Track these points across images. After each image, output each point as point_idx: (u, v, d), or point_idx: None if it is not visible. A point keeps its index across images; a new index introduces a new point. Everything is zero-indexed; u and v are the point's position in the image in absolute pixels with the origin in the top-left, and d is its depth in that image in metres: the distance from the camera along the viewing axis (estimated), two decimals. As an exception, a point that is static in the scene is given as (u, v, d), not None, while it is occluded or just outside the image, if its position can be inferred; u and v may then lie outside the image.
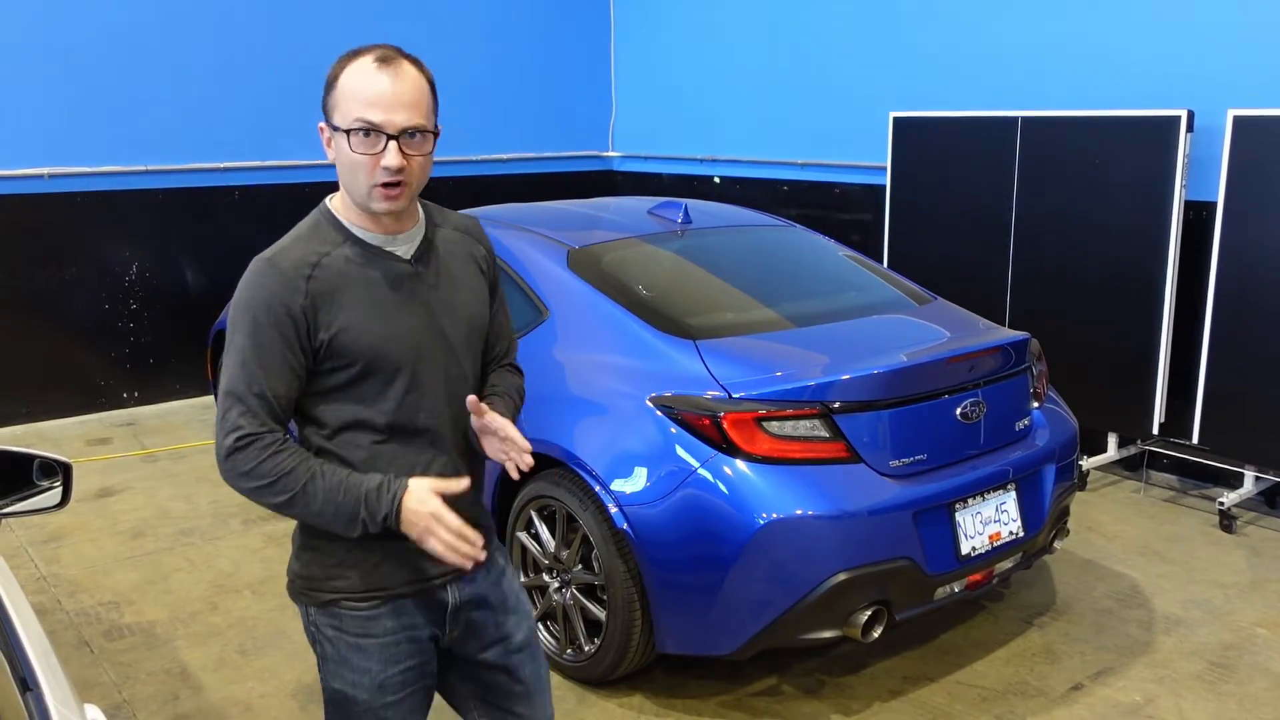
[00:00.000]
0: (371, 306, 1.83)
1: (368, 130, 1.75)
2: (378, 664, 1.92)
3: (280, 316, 1.77)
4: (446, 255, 1.95)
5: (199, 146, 6.76)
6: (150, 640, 3.80)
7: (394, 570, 1.90)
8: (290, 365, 1.79)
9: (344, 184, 1.85)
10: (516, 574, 2.19)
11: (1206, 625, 3.88)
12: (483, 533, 1.96)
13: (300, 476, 1.77)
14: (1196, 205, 5.00)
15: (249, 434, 1.76)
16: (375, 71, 1.76)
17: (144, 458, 5.82)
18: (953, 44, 6.12)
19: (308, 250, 1.83)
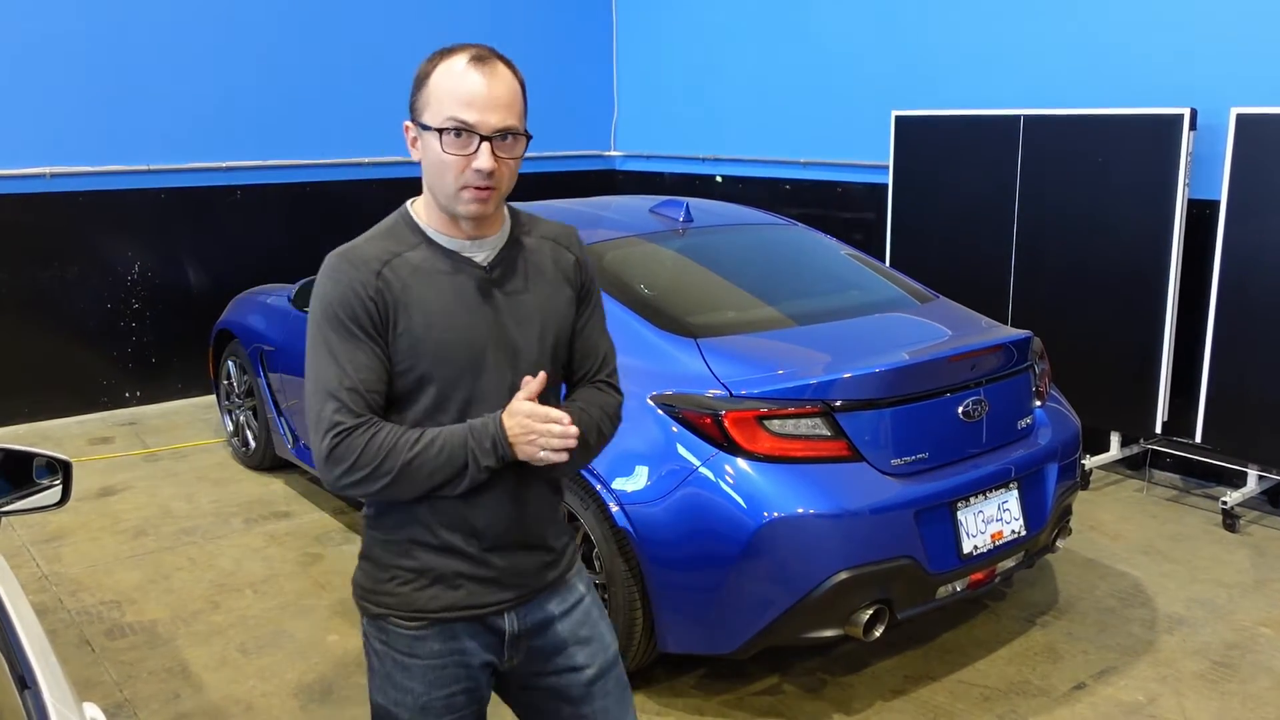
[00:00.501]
0: (438, 311, 1.77)
1: (460, 130, 1.70)
2: (421, 685, 1.85)
3: (357, 309, 1.74)
4: (529, 263, 1.86)
5: (201, 146, 6.76)
6: (151, 639, 3.80)
7: (443, 593, 1.84)
8: (376, 355, 1.75)
9: (430, 185, 1.80)
10: (603, 607, 2.05)
11: (1209, 624, 3.87)
12: (563, 556, 1.96)
13: (401, 451, 1.72)
14: (1199, 204, 4.98)
15: (346, 428, 1.72)
16: (470, 71, 1.72)
17: (146, 457, 5.83)
18: (955, 42, 6.11)
19: (381, 248, 1.80)
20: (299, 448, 5.05)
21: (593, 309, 1.96)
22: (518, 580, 1.88)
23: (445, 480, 1.75)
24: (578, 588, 1.98)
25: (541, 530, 1.91)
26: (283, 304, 5.13)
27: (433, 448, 1.73)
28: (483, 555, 1.84)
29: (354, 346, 1.74)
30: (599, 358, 1.96)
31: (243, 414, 5.57)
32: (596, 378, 1.96)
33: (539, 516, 1.90)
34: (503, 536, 1.85)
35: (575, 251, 1.94)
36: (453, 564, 1.83)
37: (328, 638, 3.81)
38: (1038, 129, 5.33)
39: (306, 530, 4.77)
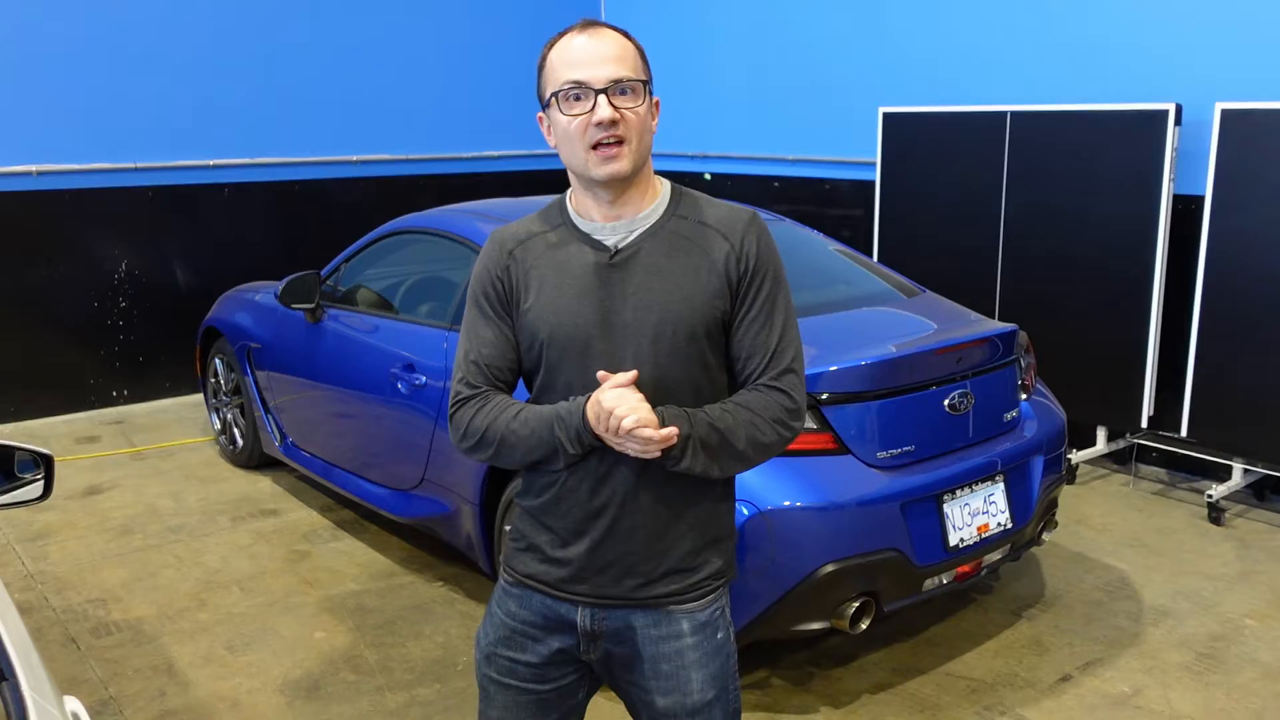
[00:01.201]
0: (555, 291, 1.78)
1: (577, 92, 1.71)
2: (494, 634, 1.92)
3: (488, 286, 1.84)
4: (671, 247, 1.77)
5: (188, 143, 6.74)
6: (137, 637, 3.79)
7: (531, 562, 1.87)
8: (502, 332, 1.83)
9: (566, 160, 1.78)
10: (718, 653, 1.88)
11: (1195, 616, 3.89)
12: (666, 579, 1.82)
13: (500, 426, 1.77)
14: (1185, 199, 5.01)
15: (462, 398, 1.83)
16: (576, 36, 1.74)
17: (132, 455, 5.81)
18: (942, 39, 6.13)
19: (524, 229, 1.87)
20: (286, 445, 5.04)
21: (757, 305, 1.78)
22: (590, 577, 1.83)
23: (543, 457, 1.77)
24: (680, 623, 1.84)
25: (633, 542, 1.80)
26: (270, 301, 5.11)
27: (525, 427, 1.76)
28: (563, 542, 1.84)
29: (483, 322, 1.85)
30: (764, 358, 1.78)
31: (230, 412, 5.56)
32: (760, 379, 1.79)
33: (636, 525, 1.80)
34: (584, 530, 1.81)
35: (735, 240, 1.78)
36: (541, 537, 1.86)
37: (314, 634, 3.80)
38: (1024, 125, 5.34)
39: (294, 527, 4.76)
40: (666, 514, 1.80)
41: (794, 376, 1.80)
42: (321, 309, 4.66)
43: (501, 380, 1.84)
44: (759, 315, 1.78)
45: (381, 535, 4.65)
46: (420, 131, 7.64)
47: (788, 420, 1.78)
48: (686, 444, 1.71)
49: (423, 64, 7.60)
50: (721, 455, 1.74)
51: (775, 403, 1.77)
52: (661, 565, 1.81)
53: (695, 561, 1.84)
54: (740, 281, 1.77)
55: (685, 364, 1.76)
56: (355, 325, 4.46)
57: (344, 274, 4.74)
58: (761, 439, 1.76)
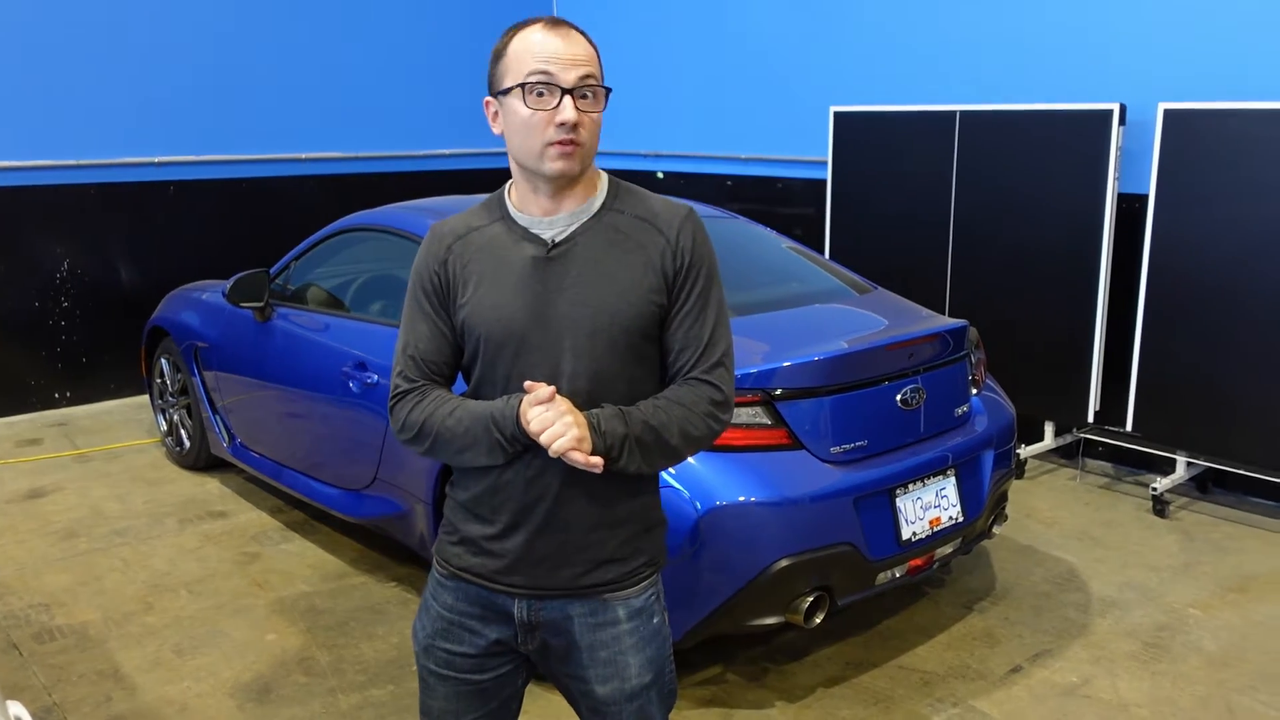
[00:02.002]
0: (492, 285, 1.78)
1: (543, 87, 1.70)
2: (431, 627, 1.93)
3: (425, 280, 1.85)
4: (606, 242, 1.78)
5: (133, 140, 6.62)
6: (82, 642, 3.71)
7: (466, 554, 1.87)
8: (439, 328, 1.84)
9: (515, 151, 1.77)
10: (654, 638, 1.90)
11: (1141, 607, 3.96)
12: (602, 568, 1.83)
13: (436, 421, 1.78)
14: (1129, 197, 5.10)
15: (399, 392, 1.85)
16: (547, 32, 1.73)
17: (76, 458, 5.69)
18: (892, 39, 6.18)
19: (463, 223, 1.88)
20: (235, 446, 4.96)
21: (692, 300, 1.79)
22: (526, 570, 1.83)
23: (479, 456, 1.78)
24: (616, 610, 1.86)
25: (567, 533, 1.81)
26: (217, 300, 5.04)
27: (460, 424, 1.76)
28: (496, 533, 1.84)
29: (421, 316, 1.86)
30: (696, 352, 1.79)
31: (177, 413, 5.46)
32: (691, 373, 1.79)
33: (568, 517, 1.81)
34: (518, 522, 1.82)
35: (670, 234, 1.79)
36: (474, 529, 1.86)
37: (266, 637, 3.75)
38: (973, 124, 5.41)
39: (243, 529, 4.69)
40: (600, 507, 1.82)
41: (724, 370, 1.81)
42: (271, 307, 4.60)
43: (438, 374, 1.85)
44: (693, 310, 1.79)
45: (333, 536, 4.60)
46: (370, 129, 7.57)
47: (717, 413, 1.80)
48: (623, 444, 1.71)
49: (372, 61, 7.53)
50: (656, 452, 1.76)
51: (705, 396, 1.78)
52: (597, 556, 1.83)
53: (629, 550, 1.86)
54: (676, 276, 1.78)
55: (621, 358, 1.77)
56: (305, 324, 4.41)
57: (293, 272, 4.68)
58: (693, 432, 1.78)
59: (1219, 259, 4.65)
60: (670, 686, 1.95)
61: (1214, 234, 4.65)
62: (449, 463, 1.85)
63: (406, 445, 1.85)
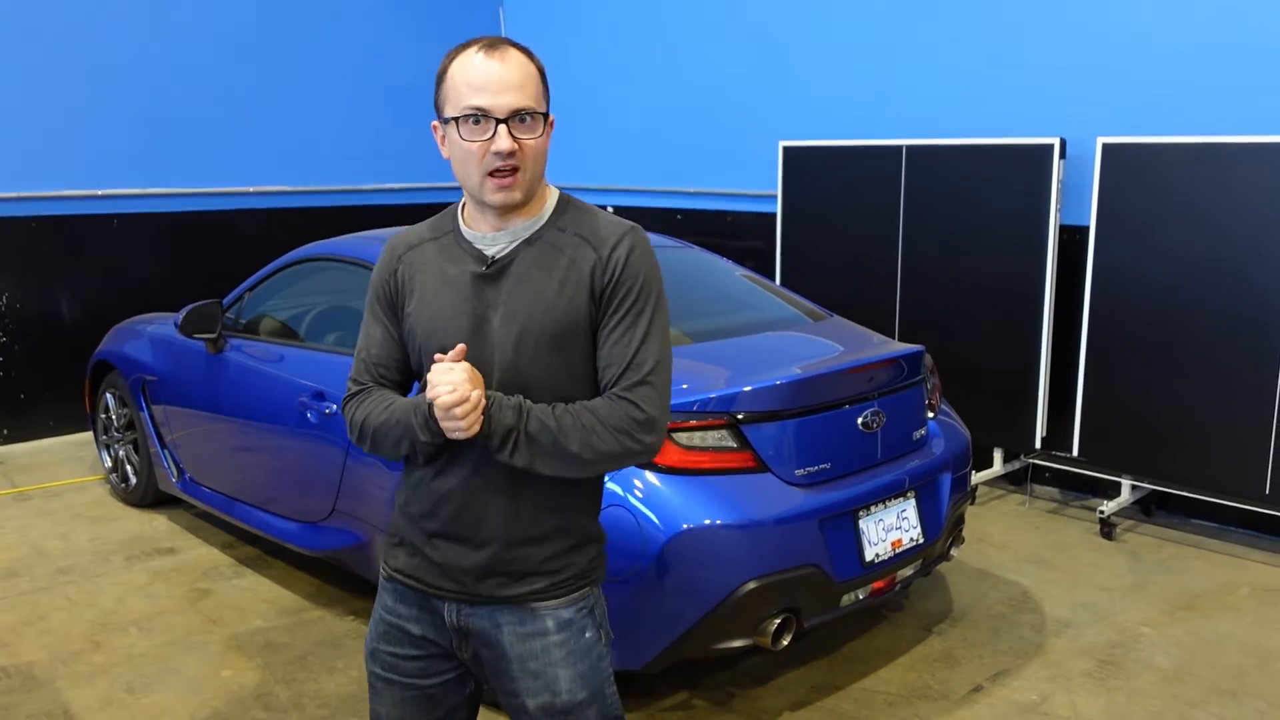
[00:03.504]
0: (434, 297, 1.85)
1: (477, 116, 1.73)
2: (375, 631, 1.99)
3: (379, 288, 1.94)
4: (542, 259, 1.81)
5: (75, 172, 6.51)
6: (28, 682, 3.59)
7: (402, 556, 1.94)
8: (390, 334, 1.92)
9: (458, 177, 1.82)
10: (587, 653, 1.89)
11: (1094, 626, 4.03)
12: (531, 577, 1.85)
13: (374, 417, 1.85)
14: (1071, 229, 5.25)
15: (349, 394, 1.93)
16: (481, 58, 1.75)
17: (15, 496, 5.53)
18: (839, 75, 6.33)
19: (416, 235, 1.94)
20: (184, 481, 4.86)
21: (619, 315, 1.80)
22: (456, 574, 1.87)
23: (406, 448, 1.84)
24: (545, 621, 1.86)
25: (489, 537, 1.84)
26: (166, 332, 4.95)
27: (392, 416, 1.83)
28: (426, 535, 1.89)
29: (374, 323, 1.95)
30: (620, 368, 1.79)
31: (123, 448, 5.34)
32: (613, 389, 1.79)
33: (491, 522, 1.84)
34: (443, 524, 1.87)
35: (604, 250, 1.80)
36: (410, 533, 1.92)
37: (221, 673, 3.66)
38: (919, 158, 5.54)
39: (193, 565, 4.59)
40: (526, 520, 1.84)
41: (648, 389, 1.78)
42: (224, 339, 4.54)
43: (388, 379, 1.93)
44: (619, 325, 1.79)
45: (287, 570, 4.52)
46: (318, 163, 7.53)
47: (634, 431, 1.77)
48: (508, 436, 1.74)
49: (320, 95, 7.50)
50: (551, 456, 1.76)
51: (622, 413, 1.77)
52: (522, 568, 1.85)
53: (557, 565, 1.87)
54: (604, 290, 1.79)
55: (548, 370, 1.79)
56: (260, 355, 4.36)
57: (247, 303, 4.62)
58: (600, 446, 1.76)
59: (1159, 287, 4.80)
60: (614, 713, 1.94)
61: (1153, 263, 4.80)
62: (388, 458, 1.92)
63: (359, 444, 1.92)
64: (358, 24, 7.63)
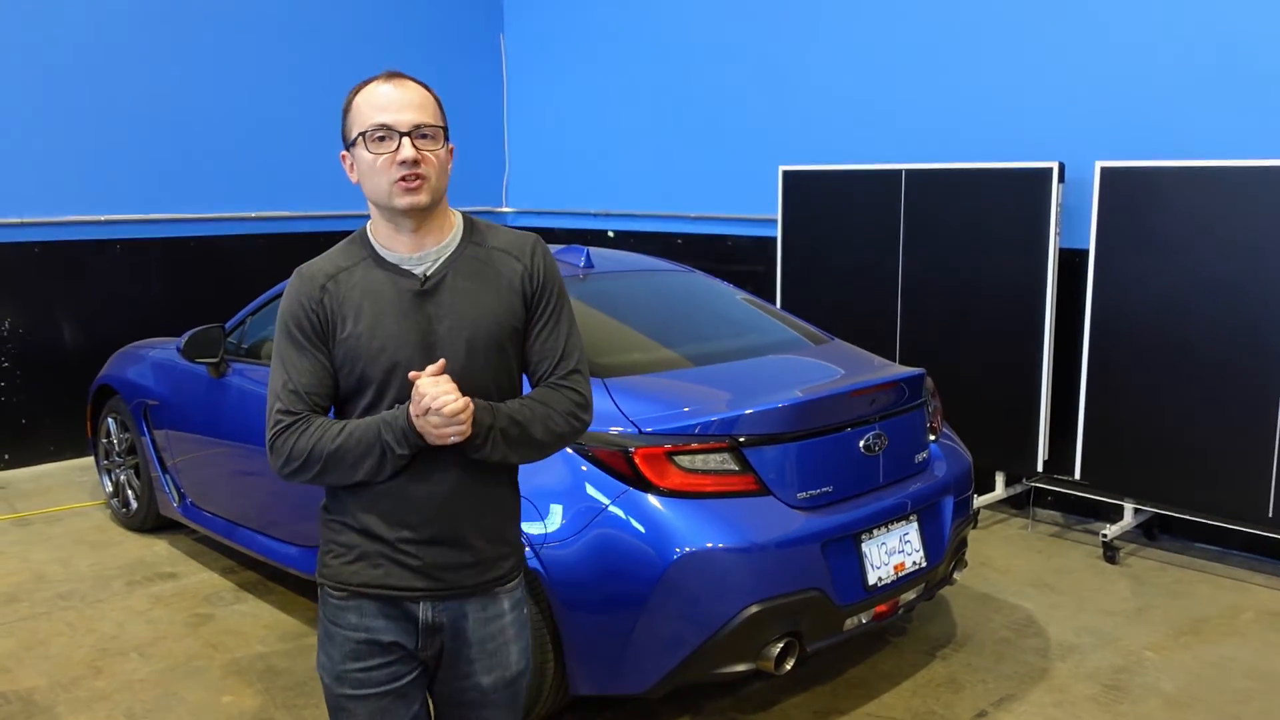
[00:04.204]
0: (373, 319, 1.94)
1: (382, 134, 1.91)
2: (339, 654, 2.02)
3: (302, 319, 1.97)
4: (471, 272, 1.99)
5: (78, 198, 6.54)
6: (29, 708, 3.58)
7: (364, 570, 1.99)
8: (319, 361, 1.96)
9: (369, 194, 1.96)
10: (524, 628, 2.15)
11: (1098, 650, 4.02)
12: (491, 565, 2.03)
13: (326, 443, 1.90)
14: (1071, 252, 5.27)
15: (283, 425, 1.93)
16: (383, 85, 1.95)
17: (15, 521, 5.52)
18: (839, 100, 6.36)
19: (330, 263, 2.02)
20: (185, 505, 4.86)
21: (549, 314, 2.04)
22: (434, 573, 1.99)
23: (371, 467, 1.91)
24: (503, 602, 2.07)
25: (465, 532, 2.00)
26: (168, 357, 4.96)
27: (351, 439, 1.90)
28: (400, 542, 1.97)
29: (298, 353, 1.97)
30: (554, 360, 2.04)
31: (124, 473, 5.34)
32: (552, 377, 2.03)
33: (466, 517, 1.99)
34: (421, 529, 1.97)
35: (525, 260, 2.03)
36: (374, 546, 1.98)
37: (222, 699, 3.65)
38: (918, 182, 5.57)
39: (194, 591, 4.58)
40: (491, 510, 2.04)
41: (580, 376, 2.05)
42: (226, 363, 4.55)
43: (319, 407, 1.98)
44: (548, 324, 2.04)
45: (288, 595, 4.50)
46: (320, 189, 7.56)
47: (579, 413, 2.03)
48: (488, 434, 1.91)
49: (324, 122, 7.53)
50: (520, 444, 1.96)
51: (566, 398, 2.02)
52: (490, 554, 2.03)
53: (509, 548, 2.08)
54: (533, 295, 2.03)
55: (493, 372, 1.99)
56: (261, 379, 4.35)
57: (249, 327, 4.63)
58: (556, 429, 2.00)
59: (1158, 310, 4.81)
60: (529, 678, 2.20)
61: (1153, 286, 4.81)
62: (337, 483, 1.97)
63: (290, 476, 1.95)
64: (362, 52, 7.68)
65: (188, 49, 6.89)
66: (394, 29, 7.89)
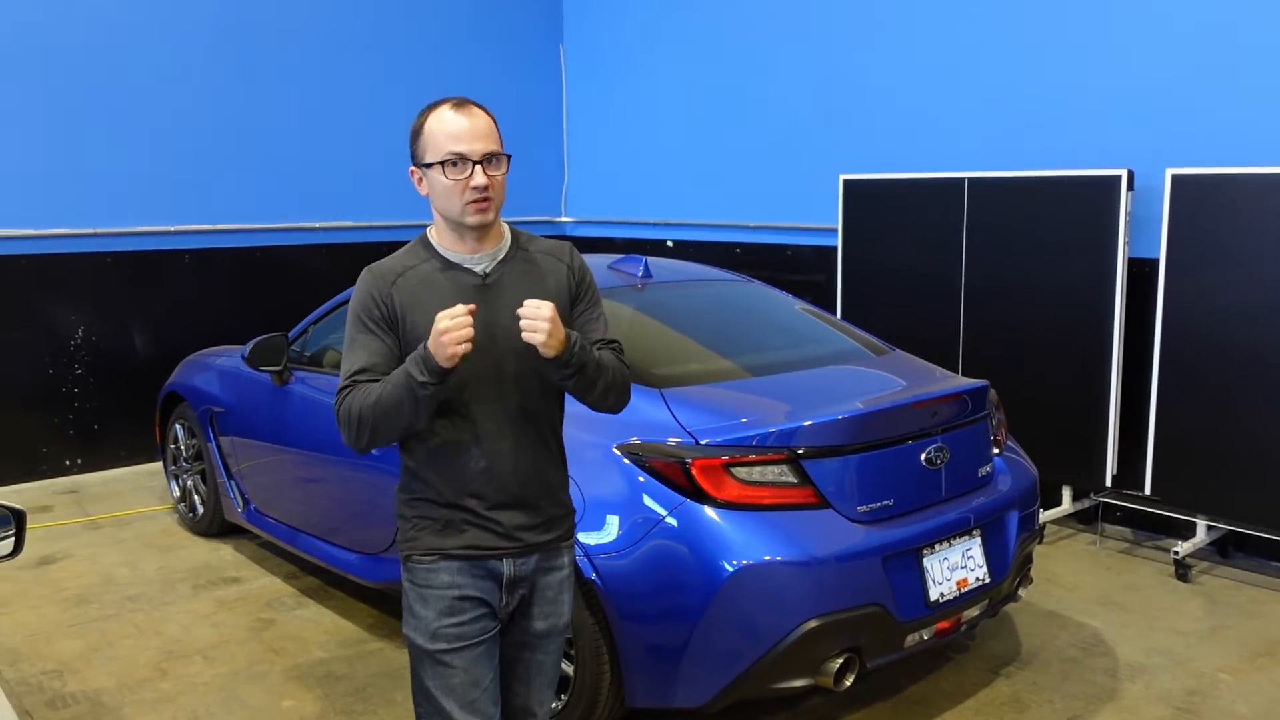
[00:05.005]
0: (440, 309, 2.09)
1: (457, 160, 2.15)
2: (433, 613, 2.24)
3: (372, 308, 2.21)
4: (524, 271, 2.27)
5: (149, 209, 6.69)
6: (96, 709, 3.65)
7: (453, 535, 2.24)
8: (385, 343, 2.19)
9: (439, 209, 2.22)
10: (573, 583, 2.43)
11: (1169, 672, 3.90)
12: (555, 524, 2.31)
13: (370, 398, 2.11)
14: (1140, 261, 5.14)
15: (340, 398, 2.17)
16: (455, 114, 2.19)
17: (87, 525, 5.65)
18: (900, 107, 6.29)
19: (398, 262, 2.26)
20: (249, 511, 4.93)
21: (589, 308, 2.35)
22: (513, 534, 2.25)
23: (409, 408, 2.09)
24: (564, 557, 2.37)
25: (533, 496, 2.27)
26: (234, 364, 5.05)
27: (387, 386, 2.11)
28: (485, 512, 2.23)
29: (369, 336, 2.21)
30: (600, 335, 2.32)
31: (190, 478, 5.44)
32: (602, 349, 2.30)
33: (532, 484, 2.27)
34: (497, 495, 2.23)
35: (567, 261, 2.35)
36: (458, 515, 2.24)
37: (282, 703, 3.69)
38: (982, 191, 5.47)
39: (258, 595, 4.64)
40: (554, 470, 2.33)
41: (621, 347, 2.35)
42: (289, 371, 4.61)
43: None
44: (588, 314, 2.34)
45: (348, 601, 4.55)
46: (381, 199, 7.65)
47: (628, 384, 2.33)
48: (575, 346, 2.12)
49: (385, 134, 7.63)
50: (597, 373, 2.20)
51: (622, 364, 2.32)
52: (555, 512, 2.32)
53: (567, 510, 2.36)
54: (576, 290, 2.34)
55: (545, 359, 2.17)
56: (324, 387, 4.41)
57: (312, 336, 4.69)
58: (616, 381, 2.27)
59: (1232, 320, 4.67)
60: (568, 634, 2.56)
61: (1226, 296, 4.68)
62: (392, 437, 2.18)
63: (354, 441, 2.16)
64: (424, 66, 7.77)
65: (256, 66, 7.02)
66: (455, 42, 7.97)
